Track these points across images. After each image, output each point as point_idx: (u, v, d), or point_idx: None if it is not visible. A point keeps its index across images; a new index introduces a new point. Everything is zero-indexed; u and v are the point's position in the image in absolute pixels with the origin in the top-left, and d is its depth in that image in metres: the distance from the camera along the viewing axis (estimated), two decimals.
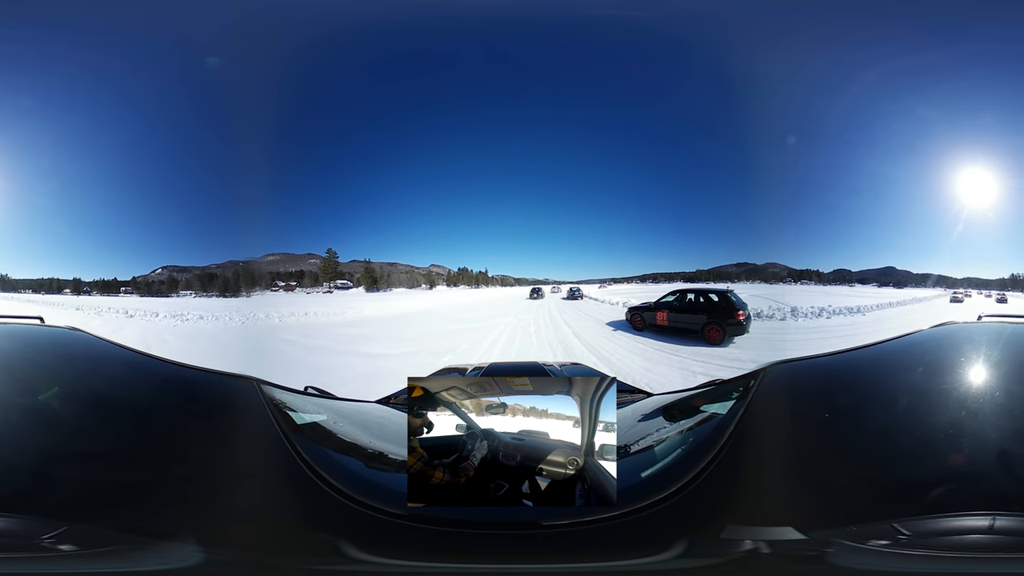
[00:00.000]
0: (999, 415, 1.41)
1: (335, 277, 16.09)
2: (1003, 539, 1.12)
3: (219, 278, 14.69)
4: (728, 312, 10.83)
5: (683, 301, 11.84)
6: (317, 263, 16.02)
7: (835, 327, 11.44)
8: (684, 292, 12.18)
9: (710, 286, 14.48)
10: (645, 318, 12.01)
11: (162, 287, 15.18)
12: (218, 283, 14.55)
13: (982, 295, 15.01)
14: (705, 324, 10.78)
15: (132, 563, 1.12)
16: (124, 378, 1.79)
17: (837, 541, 1.13)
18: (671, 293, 12.16)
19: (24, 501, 1.18)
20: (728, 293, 11.27)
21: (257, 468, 1.36)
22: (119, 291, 15.04)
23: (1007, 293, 14.72)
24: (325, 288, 15.77)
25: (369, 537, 1.17)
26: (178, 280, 15.34)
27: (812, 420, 1.49)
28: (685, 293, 12.05)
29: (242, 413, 1.59)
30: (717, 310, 11.02)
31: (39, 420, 1.45)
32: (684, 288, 12.81)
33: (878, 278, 15.90)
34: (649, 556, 1.14)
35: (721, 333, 10.57)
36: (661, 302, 12.02)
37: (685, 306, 11.64)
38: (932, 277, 15.28)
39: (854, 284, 15.45)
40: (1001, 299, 14.81)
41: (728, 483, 1.28)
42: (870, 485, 1.26)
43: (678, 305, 11.74)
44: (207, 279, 14.92)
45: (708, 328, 10.70)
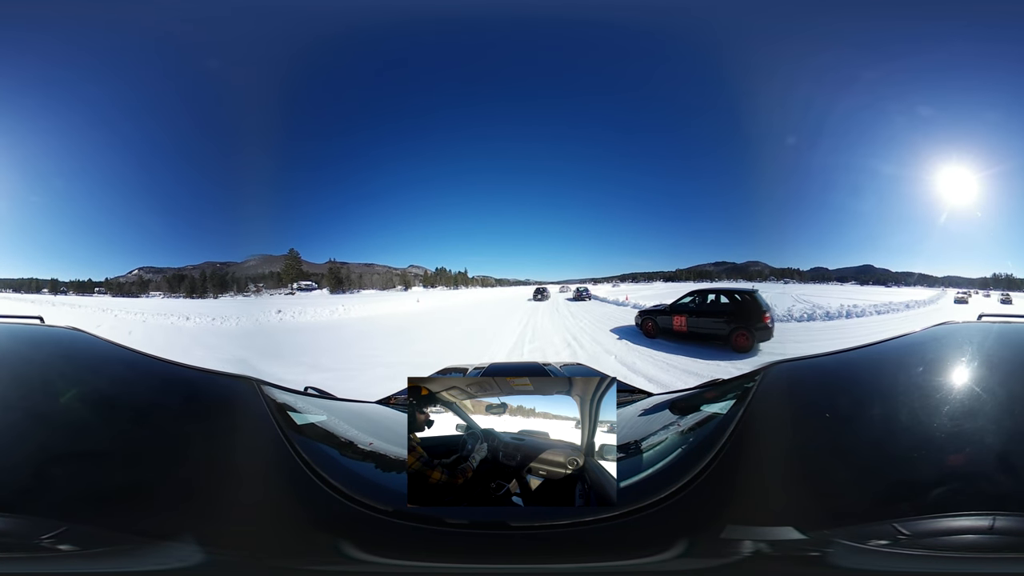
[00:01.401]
0: (999, 415, 1.41)
1: (298, 279, 15.99)
2: (1003, 539, 1.12)
3: (187, 279, 14.87)
4: (757, 315, 9.40)
5: (704, 303, 10.25)
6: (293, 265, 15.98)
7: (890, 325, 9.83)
8: (704, 292, 10.53)
9: (733, 286, 13.35)
10: (658, 323, 10.56)
11: (132, 288, 15.44)
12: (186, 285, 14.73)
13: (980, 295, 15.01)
14: (733, 329, 9.31)
15: (132, 563, 1.12)
16: (124, 378, 1.79)
17: (837, 541, 1.13)
18: (689, 294, 10.61)
19: (24, 501, 1.18)
20: (754, 293, 9.93)
21: (257, 468, 1.36)
22: (93, 291, 15.29)
23: (1011, 293, 14.71)
24: (288, 290, 15.67)
25: (369, 537, 1.17)
26: (148, 281, 15.56)
27: (812, 420, 1.49)
28: (706, 294, 10.46)
29: (242, 413, 1.59)
30: (743, 313, 9.56)
31: (39, 420, 1.45)
32: (704, 288, 11.13)
33: (856, 276, 15.87)
34: (649, 556, 1.14)
35: (750, 339, 9.18)
36: (678, 305, 10.49)
37: (706, 309, 10.10)
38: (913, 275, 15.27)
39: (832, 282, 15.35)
40: (1005, 299, 14.79)
41: (728, 483, 1.28)
42: (870, 485, 1.26)
43: (698, 308, 10.19)
44: (176, 281, 15.11)
45: (736, 334, 9.26)
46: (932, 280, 15.13)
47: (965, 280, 15.07)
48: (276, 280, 15.60)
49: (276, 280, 15.60)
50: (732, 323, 9.45)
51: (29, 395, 1.57)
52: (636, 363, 8.34)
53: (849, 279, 15.58)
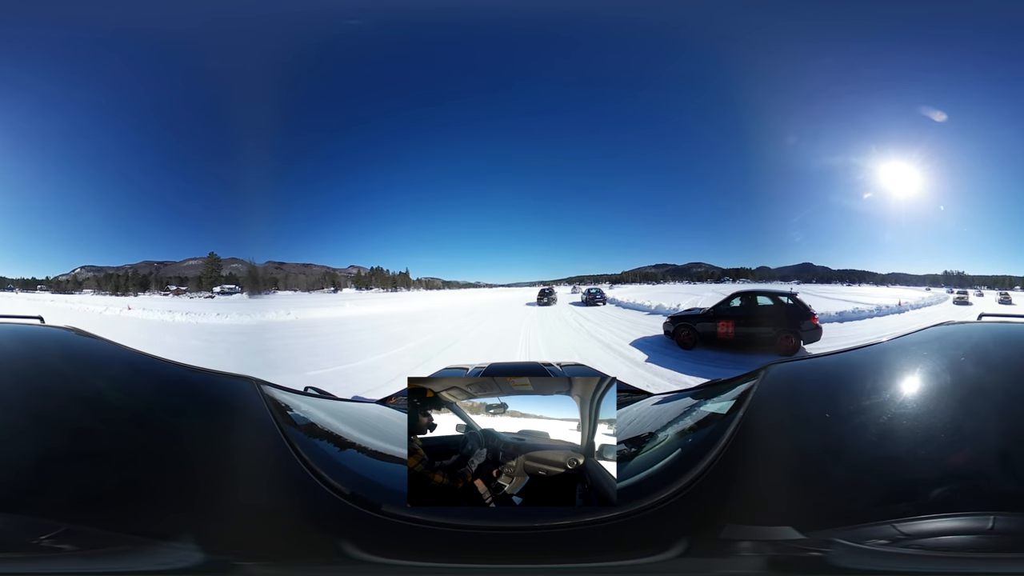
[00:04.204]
0: (999, 415, 1.41)
1: (217, 282, 15.99)
2: (1003, 539, 1.12)
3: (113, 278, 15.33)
4: (803, 316, 9.16)
5: (749, 307, 9.72)
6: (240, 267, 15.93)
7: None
8: (750, 295, 10.02)
9: (773, 288, 12.45)
10: (697, 329, 9.71)
11: (69, 285, 16.06)
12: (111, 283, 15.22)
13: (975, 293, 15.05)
14: (779, 333, 9.02)
15: (132, 563, 1.12)
16: (124, 378, 1.79)
17: (837, 541, 1.13)
18: (734, 296, 10.02)
19: (24, 501, 1.18)
20: (796, 295, 9.71)
21: (257, 468, 1.36)
22: (36, 288, 16.09)
23: (1011, 293, 14.76)
24: (207, 293, 15.75)
25: (369, 537, 1.17)
26: (83, 280, 16.10)
27: (812, 420, 1.49)
28: (751, 296, 9.93)
29: (242, 413, 1.59)
30: (790, 315, 9.24)
31: (39, 420, 1.45)
32: (748, 290, 10.66)
33: (797, 275, 15.88)
34: (649, 556, 1.14)
35: (797, 343, 8.96)
36: (723, 309, 9.81)
37: (753, 312, 9.60)
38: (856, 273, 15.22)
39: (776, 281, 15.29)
40: (1004, 300, 14.83)
41: (728, 483, 1.28)
42: (869, 485, 1.26)
43: (745, 313, 9.62)
44: (105, 280, 15.61)
45: (783, 337, 8.99)
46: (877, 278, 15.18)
47: (913, 277, 15.11)
48: (197, 283, 15.78)
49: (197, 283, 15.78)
50: (778, 326, 9.11)
51: (29, 395, 1.57)
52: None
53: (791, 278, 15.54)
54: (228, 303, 15.11)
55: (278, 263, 16.81)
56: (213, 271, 16.01)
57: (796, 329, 9.02)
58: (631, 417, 1.86)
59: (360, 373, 8.27)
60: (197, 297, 15.87)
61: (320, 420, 1.72)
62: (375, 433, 1.80)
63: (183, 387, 1.80)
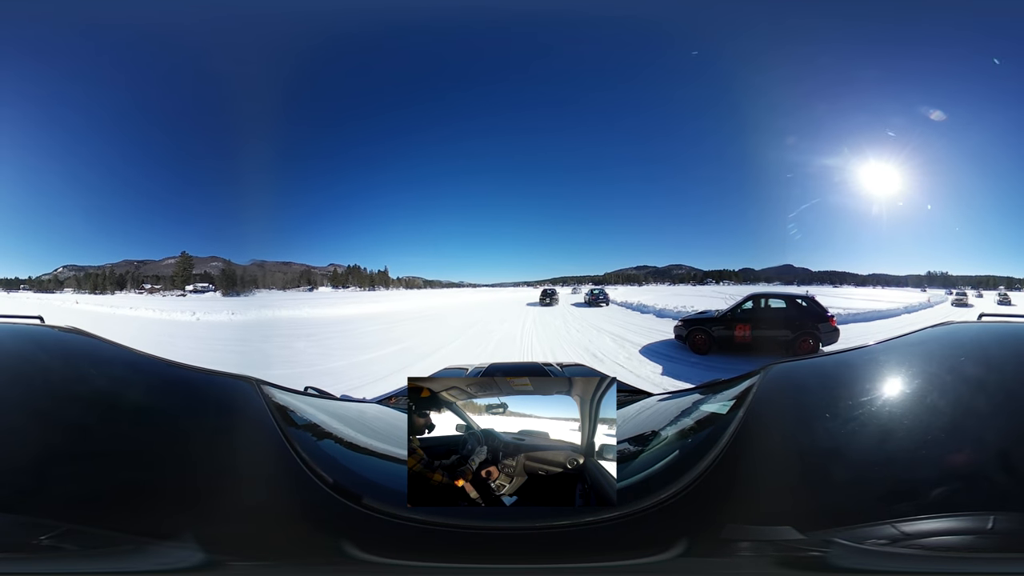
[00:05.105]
0: (999, 415, 1.41)
1: (190, 280, 16.20)
2: (1003, 539, 1.12)
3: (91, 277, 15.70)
4: (821, 318, 9.06)
5: (765, 309, 9.52)
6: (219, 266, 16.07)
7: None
8: (766, 297, 9.81)
9: (789, 290, 12.77)
10: (714, 334, 9.47)
11: (50, 285, 16.48)
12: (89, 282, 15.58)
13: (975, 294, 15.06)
14: (798, 335, 8.88)
15: (132, 563, 1.12)
16: (124, 378, 1.79)
17: (836, 541, 1.12)
18: (748, 298, 9.81)
19: (24, 501, 1.18)
20: (813, 297, 9.62)
21: (257, 468, 1.36)
22: (19, 288, 16.47)
23: (1010, 294, 14.77)
24: (179, 292, 15.97)
25: (369, 537, 1.17)
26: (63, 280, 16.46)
27: (812, 420, 1.49)
28: (767, 299, 9.73)
29: (242, 413, 1.59)
30: (808, 317, 9.15)
31: (39, 420, 1.45)
32: (764, 292, 10.39)
33: (779, 276, 15.90)
34: (649, 556, 1.14)
35: (816, 345, 8.86)
36: (740, 312, 9.60)
37: (769, 315, 9.43)
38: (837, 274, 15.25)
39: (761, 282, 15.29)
40: (1004, 300, 14.83)
41: (728, 483, 1.28)
42: (869, 485, 1.26)
43: (761, 316, 9.44)
44: (84, 279, 15.96)
45: (801, 339, 8.88)
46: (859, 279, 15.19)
47: (893, 278, 15.13)
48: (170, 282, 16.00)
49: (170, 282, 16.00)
50: (796, 329, 8.93)
51: (29, 395, 1.57)
52: None
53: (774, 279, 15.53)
54: (200, 301, 15.43)
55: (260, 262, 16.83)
56: (185, 270, 16.20)
57: (815, 331, 8.90)
58: (631, 417, 1.87)
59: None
60: (169, 295, 16.12)
61: (320, 420, 1.72)
62: (375, 433, 1.80)
63: (183, 387, 1.80)
